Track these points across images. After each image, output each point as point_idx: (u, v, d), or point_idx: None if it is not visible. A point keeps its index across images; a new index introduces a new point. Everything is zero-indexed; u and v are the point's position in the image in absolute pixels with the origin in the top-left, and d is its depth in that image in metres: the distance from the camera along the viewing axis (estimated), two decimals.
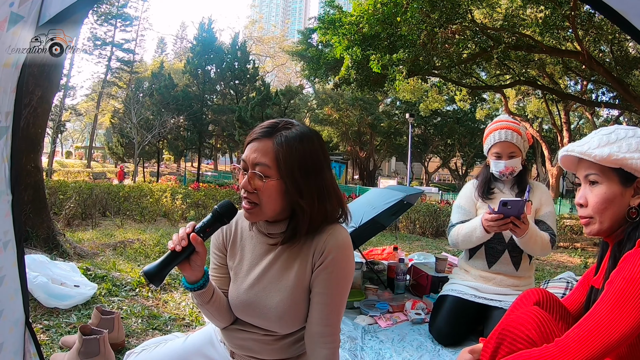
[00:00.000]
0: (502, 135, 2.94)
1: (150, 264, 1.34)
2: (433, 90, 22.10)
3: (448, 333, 2.93)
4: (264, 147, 1.39)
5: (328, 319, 1.46)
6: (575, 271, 5.41)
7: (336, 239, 1.45)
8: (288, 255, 1.50)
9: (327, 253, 1.43)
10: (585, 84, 18.75)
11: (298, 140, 1.40)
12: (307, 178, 1.40)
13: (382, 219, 4.00)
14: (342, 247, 1.45)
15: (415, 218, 11.65)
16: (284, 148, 1.37)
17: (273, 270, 1.51)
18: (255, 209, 1.41)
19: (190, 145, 37.90)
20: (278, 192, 1.39)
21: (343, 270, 1.46)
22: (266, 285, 1.51)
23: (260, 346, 1.53)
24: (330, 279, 1.45)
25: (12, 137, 1.50)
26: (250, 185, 1.39)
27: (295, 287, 1.47)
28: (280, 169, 1.37)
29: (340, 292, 1.47)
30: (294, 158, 1.37)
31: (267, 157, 1.37)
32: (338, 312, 1.48)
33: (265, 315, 1.49)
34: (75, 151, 59.55)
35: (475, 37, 12.10)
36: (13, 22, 1.30)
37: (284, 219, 1.49)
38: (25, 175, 4.71)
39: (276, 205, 1.41)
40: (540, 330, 1.56)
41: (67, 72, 38.02)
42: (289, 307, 1.47)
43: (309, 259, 1.47)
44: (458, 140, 39.09)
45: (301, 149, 1.39)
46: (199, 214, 11.26)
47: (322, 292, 1.45)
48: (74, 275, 3.67)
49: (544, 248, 2.80)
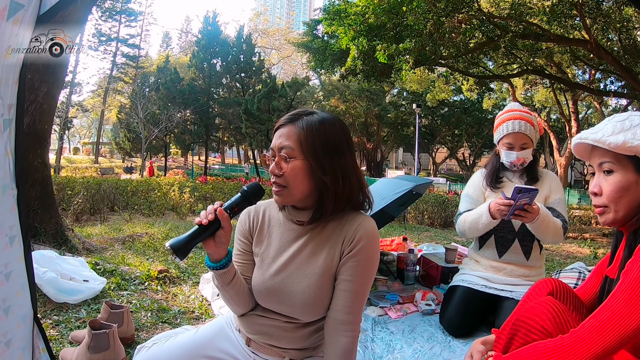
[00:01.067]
0: (515, 126, 2.90)
1: (176, 237, 1.38)
2: (440, 81, 22.01)
3: (459, 324, 2.92)
4: (288, 132, 1.47)
5: (352, 307, 1.48)
6: (585, 261, 5.39)
7: (366, 228, 1.50)
8: (316, 242, 1.55)
9: (357, 241, 1.48)
10: (594, 73, 18.62)
11: (319, 122, 1.48)
12: (330, 157, 1.46)
13: (391, 210, 3.97)
14: (371, 237, 1.50)
15: (423, 209, 11.64)
16: (306, 130, 1.45)
17: (301, 257, 1.55)
18: (284, 191, 1.48)
19: (197, 139, 37.99)
20: (303, 171, 1.45)
21: (370, 260, 1.50)
22: (293, 271, 1.54)
23: (280, 333, 1.55)
24: (358, 266, 1.48)
25: (15, 130, 1.48)
26: (277, 168, 1.47)
27: (322, 274, 1.51)
28: (303, 149, 1.44)
29: (365, 281, 1.50)
30: (315, 138, 1.45)
31: (291, 139, 1.46)
32: (361, 301, 1.51)
33: (290, 302, 1.51)
34: (83, 147, 59.88)
35: (482, 26, 12.01)
36: (13, 10, 1.28)
37: (312, 205, 1.54)
38: (32, 171, 4.73)
39: (303, 185, 1.47)
40: (555, 321, 1.53)
41: (72, 68, 38.15)
42: (314, 293, 1.50)
43: (338, 246, 1.51)
44: (465, 131, 38.99)
45: (322, 130, 1.47)
46: (207, 207, 11.28)
47: (349, 279, 1.49)
48: (83, 270, 3.68)
49: (556, 234, 2.78)
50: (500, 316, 2.80)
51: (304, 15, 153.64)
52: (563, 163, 21.33)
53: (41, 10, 1.37)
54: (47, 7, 1.38)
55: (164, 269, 4.12)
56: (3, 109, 1.39)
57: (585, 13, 11.10)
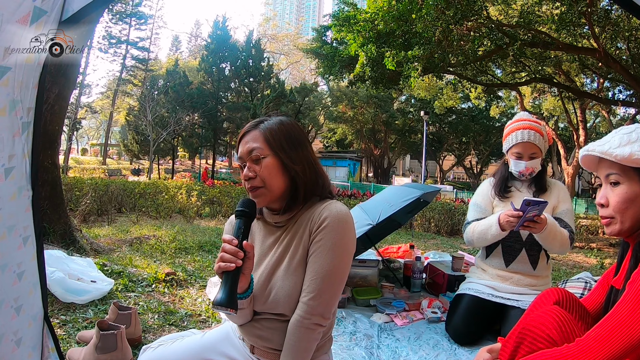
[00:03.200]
0: (524, 136, 2.91)
1: (216, 295, 1.32)
2: (448, 88, 22.00)
3: (465, 332, 2.92)
4: (253, 136, 1.55)
5: (315, 291, 1.45)
6: (592, 271, 5.36)
7: (330, 210, 1.50)
8: (291, 236, 1.57)
9: (322, 220, 1.48)
10: (602, 82, 18.54)
11: (279, 122, 1.58)
12: (296, 149, 1.55)
13: (399, 217, 3.99)
14: (337, 217, 1.49)
15: (430, 216, 11.62)
16: (269, 128, 1.55)
17: (278, 254, 1.57)
18: (262, 190, 1.52)
19: (204, 143, 38.02)
20: (276, 167, 1.52)
21: (337, 241, 1.47)
22: (274, 269, 1.56)
23: (278, 335, 1.53)
24: (323, 247, 1.47)
25: (33, 133, 1.51)
26: (250, 171, 1.51)
27: (299, 263, 1.51)
28: (271, 146, 1.52)
29: (332, 263, 1.46)
30: (280, 134, 1.54)
31: (258, 141, 1.53)
32: (327, 287, 1.46)
33: (275, 297, 1.52)
34: (91, 148, 60.09)
35: (491, 34, 11.99)
36: (36, 16, 1.30)
37: (285, 202, 1.57)
38: (42, 171, 4.76)
39: (278, 180, 1.52)
40: (561, 330, 1.54)
41: (82, 70, 38.27)
42: (294, 284, 1.50)
43: (307, 230, 1.52)
44: (473, 138, 38.86)
45: (283, 128, 1.57)
46: (214, 210, 11.31)
47: (314, 259, 1.48)
48: (90, 270, 3.70)
49: (563, 244, 2.79)
50: (506, 325, 2.81)
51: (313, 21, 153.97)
52: (571, 172, 21.23)
53: (63, 16, 1.40)
54: (69, 14, 1.40)
55: (171, 271, 4.14)
56: (22, 112, 1.42)
57: (594, 21, 11.06)
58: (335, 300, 1.53)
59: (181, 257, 5.20)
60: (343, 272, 1.50)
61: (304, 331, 1.45)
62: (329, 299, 1.48)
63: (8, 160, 1.40)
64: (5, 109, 1.32)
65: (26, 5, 1.25)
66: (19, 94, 1.37)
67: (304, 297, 1.46)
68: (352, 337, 2.92)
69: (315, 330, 1.47)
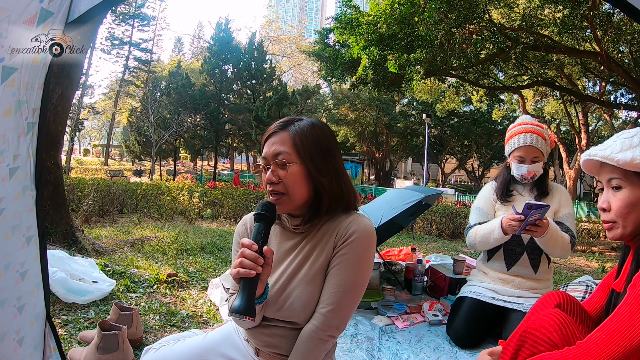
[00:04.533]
0: (526, 139, 2.91)
1: (235, 303, 1.25)
2: (450, 91, 22.01)
3: (466, 335, 2.92)
4: (282, 138, 1.48)
5: (335, 304, 1.44)
6: (593, 275, 5.37)
7: (358, 224, 1.48)
8: (311, 245, 1.53)
9: (350, 234, 1.46)
10: (604, 85, 18.51)
11: (311, 126, 1.50)
12: (324, 159, 1.49)
13: (400, 220, 3.98)
14: (365, 232, 1.47)
15: (432, 219, 11.62)
16: (300, 134, 1.47)
17: (297, 262, 1.52)
18: (283, 198, 1.47)
19: (207, 144, 38.03)
20: (302, 175, 1.46)
21: (362, 257, 1.47)
22: (291, 277, 1.51)
23: (287, 342, 1.51)
24: (348, 261, 1.45)
25: (38, 133, 1.52)
26: (274, 176, 1.45)
27: (318, 273, 1.49)
28: (299, 153, 1.45)
29: (354, 279, 1.45)
30: (310, 141, 1.47)
31: (286, 145, 1.46)
32: (347, 302, 1.45)
33: (291, 306, 1.48)
34: (93, 149, 60.15)
35: (493, 37, 11.97)
36: (43, 18, 1.31)
37: (308, 210, 1.53)
38: (45, 172, 4.74)
39: (302, 189, 1.47)
40: (562, 333, 1.54)
41: (85, 71, 38.34)
42: (311, 294, 1.47)
43: (331, 242, 1.49)
44: (475, 142, 38.85)
45: (314, 134, 1.49)
46: (216, 212, 11.31)
47: (337, 273, 1.46)
48: (92, 271, 3.71)
49: (564, 249, 2.79)
50: (507, 328, 2.81)
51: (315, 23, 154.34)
52: (572, 175, 21.20)
53: (69, 18, 1.41)
54: (75, 15, 1.41)
55: (172, 272, 4.15)
56: (28, 112, 1.42)
57: (596, 25, 11.06)
58: (351, 314, 1.51)
59: (183, 259, 5.20)
60: (363, 287, 1.49)
61: (317, 342, 1.45)
62: (346, 313, 1.47)
63: (13, 160, 1.41)
64: (11, 109, 1.33)
65: (33, 6, 1.26)
66: (24, 94, 1.37)
67: (322, 308, 1.45)
68: (353, 340, 2.92)
69: (327, 342, 1.47)
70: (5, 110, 1.31)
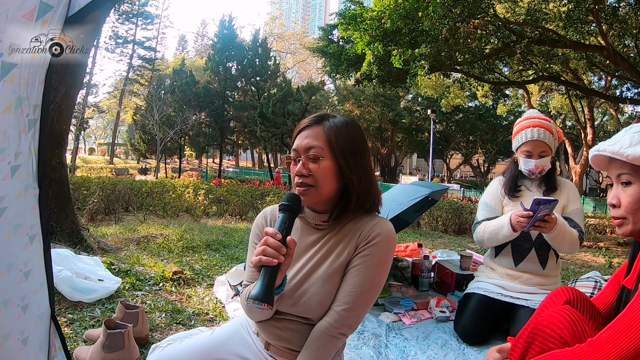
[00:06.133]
0: (534, 134, 2.88)
1: (254, 290, 1.24)
2: (455, 86, 21.95)
3: (473, 332, 2.90)
4: (315, 133, 1.50)
5: (351, 304, 1.45)
6: (600, 270, 5.33)
7: (382, 227, 1.49)
8: (333, 242, 1.54)
9: (373, 237, 1.47)
10: (610, 80, 18.45)
11: (345, 124, 1.53)
12: (355, 157, 1.50)
13: (407, 216, 3.96)
14: (388, 235, 1.49)
15: (438, 215, 11.59)
16: (335, 130, 1.49)
17: (317, 258, 1.53)
18: (311, 190, 1.47)
19: (211, 142, 38.17)
20: (332, 171, 1.47)
21: (382, 260, 1.48)
22: (310, 273, 1.52)
23: (299, 337, 1.51)
24: (368, 262, 1.46)
25: (40, 131, 1.50)
26: (305, 169, 1.47)
27: (337, 272, 1.50)
28: (332, 149, 1.47)
29: (372, 280, 1.47)
30: (343, 139, 1.49)
31: (319, 140, 1.48)
32: (363, 302, 1.47)
33: (307, 302, 1.49)
34: (98, 148, 60.54)
35: (498, 32, 11.90)
36: (42, 11, 1.29)
37: (332, 207, 1.55)
38: (50, 170, 4.76)
39: (331, 185, 1.49)
40: (573, 330, 1.52)
41: (89, 70, 38.49)
42: (329, 293, 1.48)
43: (353, 242, 1.50)
44: (480, 137, 38.74)
45: (348, 132, 1.52)
46: (221, 209, 11.32)
47: (356, 273, 1.46)
48: (98, 269, 3.70)
49: (572, 244, 2.77)
50: (516, 324, 2.79)
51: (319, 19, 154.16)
52: (578, 171, 21.12)
53: (70, 11, 1.38)
54: (76, 9, 1.38)
55: (178, 270, 4.13)
56: (29, 109, 1.40)
57: (602, 19, 11.00)
58: (365, 314, 1.52)
59: (188, 256, 5.19)
60: (379, 289, 1.51)
61: (329, 339, 1.45)
62: (360, 313, 1.48)
63: (14, 158, 1.39)
64: (11, 106, 1.31)
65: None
66: (25, 91, 1.35)
67: (337, 306, 1.46)
68: (360, 337, 2.90)
69: (339, 340, 1.48)
70: (6, 107, 1.29)
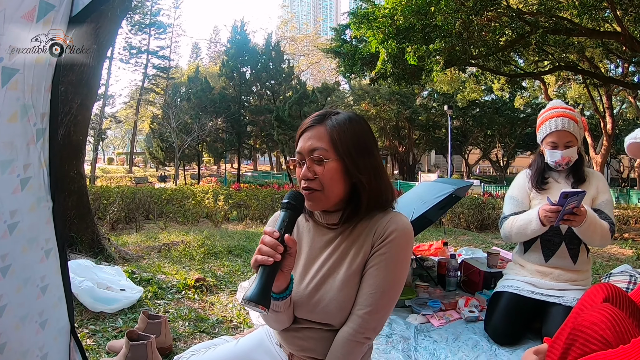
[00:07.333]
0: (558, 124, 2.79)
1: (248, 291, 1.20)
2: (470, 81, 21.82)
3: (505, 331, 2.81)
4: (318, 133, 1.42)
5: (372, 305, 1.38)
6: (630, 263, 5.21)
7: (397, 223, 1.42)
8: (347, 243, 1.47)
9: (389, 233, 1.40)
10: (627, 66, 18.22)
11: (348, 121, 1.45)
12: (362, 156, 1.43)
13: (431, 214, 3.88)
14: (404, 231, 1.42)
15: (459, 212, 11.47)
16: (337, 129, 1.41)
17: (332, 261, 1.47)
18: (317, 194, 1.41)
19: (229, 147, 38.40)
20: (339, 172, 1.40)
21: (400, 257, 1.41)
22: (326, 277, 1.46)
23: (322, 345, 1.45)
24: (386, 261, 1.39)
25: (49, 140, 1.45)
26: (310, 172, 1.40)
27: (355, 274, 1.43)
28: (337, 149, 1.40)
29: (392, 279, 1.40)
30: (348, 137, 1.41)
31: (323, 140, 1.41)
32: (384, 303, 1.40)
33: (326, 308, 1.42)
34: (117, 157, 61.11)
35: (512, 23, 11.74)
36: (43, 11, 1.23)
37: (342, 208, 1.48)
38: (68, 181, 4.80)
39: (338, 187, 1.42)
40: (615, 330, 1.45)
41: (105, 81, 39.01)
42: (349, 296, 1.41)
43: (368, 241, 1.43)
44: (498, 131, 38.41)
45: (353, 129, 1.44)
46: (241, 214, 11.34)
47: (375, 273, 1.40)
48: (119, 279, 3.69)
49: (603, 237, 2.67)
50: (548, 322, 2.70)
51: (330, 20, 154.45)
52: (599, 161, 20.84)
53: (73, 11, 1.33)
54: (79, 8, 1.33)
55: (200, 277, 4.10)
56: (36, 117, 1.35)
57: (616, 4, 10.82)
58: (388, 315, 1.46)
59: (210, 262, 5.16)
60: (400, 287, 1.44)
61: (354, 345, 1.39)
62: (383, 315, 1.41)
63: (24, 170, 1.35)
64: (16, 114, 1.26)
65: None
66: (30, 98, 1.30)
67: (359, 310, 1.39)
68: (388, 340, 2.83)
69: (364, 344, 1.41)
70: (10, 115, 1.23)
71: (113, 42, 7.86)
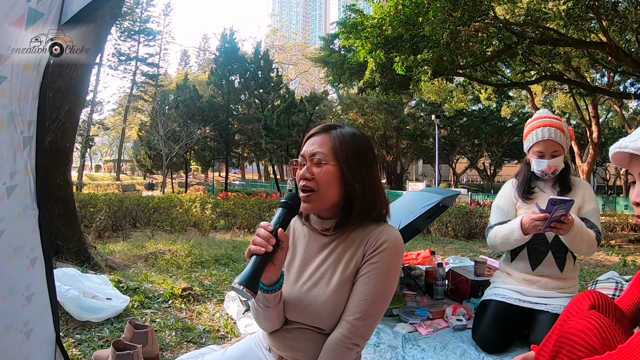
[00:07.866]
0: (544, 133, 2.83)
1: (240, 275, 1.27)
2: (458, 90, 21.93)
3: (493, 339, 2.83)
4: (322, 140, 1.51)
5: (362, 313, 1.43)
6: (616, 269, 5.24)
7: (389, 234, 1.48)
8: (340, 250, 1.53)
9: (380, 244, 1.46)
10: (612, 76, 18.50)
11: (352, 134, 1.54)
12: (359, 166, 1.50)
13: (418, 223, 3.89)
14: (395, 242, 1.48)
15: (447, 220, 11.52)
16: (340, 138, 1.50)
17: (325, 266, 1.53)
18: (313, 196, 1.48)
19: (217, 155, 38.28)
20: (335, 176, 1.47)
21: (390, 268, 1.47)
22: (318, 281, 1.52)
23: (312, 347, 1.50)
24: (376, 270, 1.45)
25: (36, 148, 1.44)
26: (308, 172, 1.48)
27: (346, 280, 1.48)
28: (336, 155, 1.48)
29: (382, 289, 1.46)
30: (348, 147, 1.50)
31: (325, 147, 1.49)
32: (373, 311, 1.46)
33: (317, 311, 1.48)
34: (104, 164, 60.85)
35: (499, 33, 11.91)
36: (32, 19, 1.23)
37: (336, 214, 1.55)
38: (55, 188, 4.75)
39: (333, 191, 1.48)
40: (602, 337, 1.47)
41: (93, 87, 38.87)
42: (340, 301, 1.47)
43: (360, 249, 1.49)
44: (485, 140, 38.64)
45: (354, 141, 1.52)
46: (229, 223, 11.29)
47: (365, 282, 1.46)
48: (105, 287, 3.66)
49: (590, 246, 2.71)
50: (536, 330, 2.72)
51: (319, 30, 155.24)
52: (585, 169, 21.01)
53: (62, 19, 1.33)
54: (68, 16, 1.33)
55: (187, 286, 4.08)
56: (23, 125, 1.34)
57: (602, 15, 10.97)
58: (377, 323, 1.51)
59: (197, 272, 5.13)
60: (390, 296, 1.50)
61: (343, 350, 1.43)
62: (372, 322, 1.47)
63: (10, 178, 1.34)
64: (3, 122, 1.25)
65: (20, 6, 1.18)
66: (17, 106, 1.30)
67: (349, 316, 1.44)
68: (376, 349, 2.83)
69: (353, 351, 1.46)
70: None
71: (102, 48, 7.85)
